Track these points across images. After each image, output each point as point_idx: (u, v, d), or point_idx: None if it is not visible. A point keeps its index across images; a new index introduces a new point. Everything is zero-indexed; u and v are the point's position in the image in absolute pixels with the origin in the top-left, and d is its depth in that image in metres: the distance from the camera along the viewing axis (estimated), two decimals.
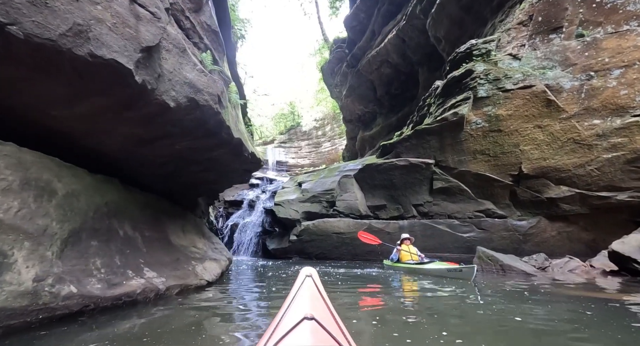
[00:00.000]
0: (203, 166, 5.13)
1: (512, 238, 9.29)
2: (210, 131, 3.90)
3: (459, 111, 9.43)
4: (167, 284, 3.91)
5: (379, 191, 11.64)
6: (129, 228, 4.21)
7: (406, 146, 10.96)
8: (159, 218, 5.23)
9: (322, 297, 1.75)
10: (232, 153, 4.75)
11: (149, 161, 4.34)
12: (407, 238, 8.81)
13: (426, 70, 16.13)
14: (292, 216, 12.77)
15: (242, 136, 4.60)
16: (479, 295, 4.37)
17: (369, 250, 11.08)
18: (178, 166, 4.81)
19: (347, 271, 7.72)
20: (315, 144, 34.53)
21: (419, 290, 5.11)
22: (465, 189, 9.97)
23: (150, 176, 4.89)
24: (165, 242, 5.02)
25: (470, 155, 9.72)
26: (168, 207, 5.72)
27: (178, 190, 5.89)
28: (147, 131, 3.48)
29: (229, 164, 5.26)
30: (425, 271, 7.16)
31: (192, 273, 4.64)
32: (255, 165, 6.02)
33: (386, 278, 6.75)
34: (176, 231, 5.62)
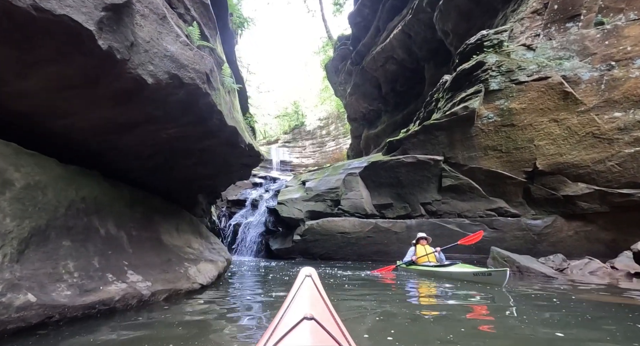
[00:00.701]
0: (196, 159, 4.69)
1: (526, 237, 8.76)
2: (199, 116, 3.43)
3: (469, 105, 8.93)
4: (152, 289, 3.47)
5: (385, 190, 11.15)
6: (112, 227, 3.78)
7: (413, 142, 10.47)
8: (149, 216, 4.79)
9: (322, 297, 1.71)
10: (226, 144, 4.29)
11: (134, 152, 3.91)
12: (424, 238, 7.93)
13: (432, 66, 15.62)
14: (295, 216, 12.31)
15: (238, 125, 4.16)
16: (508, 303, 3.86)
17: (375, 251, 10.60)
18: (168, 158, 4.37)
19: (354, 274, 7.20)
20: (320, 144, 34.07)
21: (438, 296, 4.55)
22: (475, 187, 9.47)
23: (139, 170, 4.46)
24: (156, 242, 4.58)
25: (481, 151, 9.22)
26: (161, 204, 5.29)
27: (172, 186, 5.46)
28: (125, 114, 3.03)
29: (224, 157, 4.81)
30: (446, 275, 6.32)
31: (183, 275, 4.19)
32: (255, 159, 5.55)
33: (400, 282, 6.15)
34: (169, 231, 5.18)
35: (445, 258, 7.46)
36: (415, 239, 8.06)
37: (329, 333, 1.30)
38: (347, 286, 5.32)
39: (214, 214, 15.74)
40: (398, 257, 10.43)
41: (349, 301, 4.05)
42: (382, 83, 18.94)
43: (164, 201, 5.46)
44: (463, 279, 5.91)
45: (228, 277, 6.33)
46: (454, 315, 3.21)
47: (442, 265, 6.82)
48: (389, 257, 10.45)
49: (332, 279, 6.15)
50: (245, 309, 3.57)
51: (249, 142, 4.64)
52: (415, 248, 7.80)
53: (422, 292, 4.98)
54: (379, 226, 10.59)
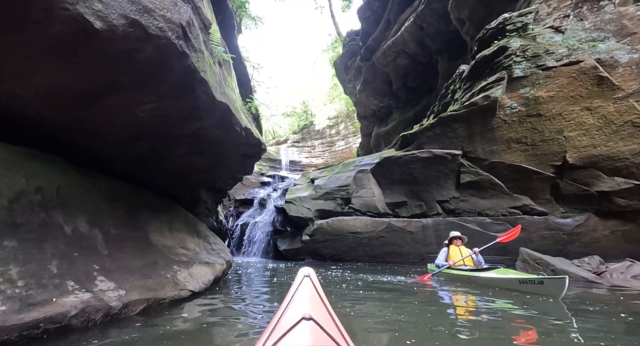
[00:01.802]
0: (188, 148, 4.06)
1: (555, 238, 7.91)
2: (178, 86, 2.77)
3: (490, 94, 8.14)
4: (126, 299, 2.82)
5: (399, 187, 10.40)
6: (83, 224, 3.15)
7: (429, 136, 9.70)
8: (135, 213, 4.17)
9: (320, 297, 1.68)
10: (218, 126, 3.63)
11: (110, 136, 3.29)
12: (458, 237, 6.90)
13: (446, 58, 14.81)
14: (304, 215, 11.63)
15: (231, 103, 3.51)
16: (567, 320, 3.09)
17: (388, 252, 9.85)
18: (155, 146, 3.75)
19: (371, 278, 6.46)
20: (329, 143, 33.35)
21: (475, 309, 3.73)
22: (497, 183, 8.66)
23: (123, 160, 3.84)
24: (141, 242, 3.95)
25: (503, 144, 8.41)
26: (151, 200, 4.67)
27: (165, 180, 4.85)
28: (79, 77, 2.39)
29: (220, 146, 4.17)
30: (485, 282, 5.35)
31: (170, 281, 3.54)
32: (256, 149, 4.88)
33: (429, 289, 5.28)
34: (160, 229, 4.55)
35: (484, 261, 6.51)
36: (447, 239, 7.07)
37: (327, 333, 1.29)
38: (361, 293, 4.62)
39: (221, 213, 15.17)
40: (413, 258, 9.68)
41: (367, 311, 3.35)
42: (392, 79, 18.16)
43: (156, 196, 4.84)
44: (506, 287, 4.93)
45: (228, 281, 5.68)
46: (495, 333, 2.50)
47: (480, 269, 5.86)
48: (402, 258, 9.71)
49: (344, 285, 5.44)
50: (237, 323, 2.89)
51: (246, 126, 3.97)
52: (448, 250, 6.82)
53: (456, 302, 4.20)
54: (392, 226, 9.84)
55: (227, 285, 5.06)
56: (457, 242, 6.86)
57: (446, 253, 6.78)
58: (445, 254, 6.77)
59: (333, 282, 5.77)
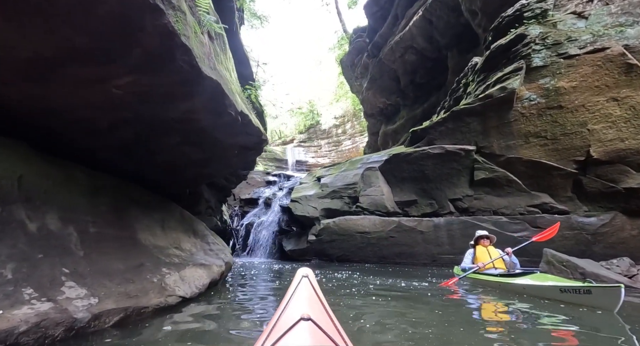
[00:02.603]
0: (179, 137, 3.63)
1: (578, 238, 7.33)
2: (154, 51, 2.30)
3: (507, 85, 7.60)
4: (96, 309, 2.37)
5: (409, 185, 9.87)
6: (54, 221, 2.72)
7: (441, 131, 9.17)
8: (121, 209, 3.74)
9: (319, 298, 1.67)
10: (209, 109, 3.14)
11: (84, 120, 2.85)
12: (485, 237, 6.01)
13: (456, 53, 14.23)
14: (310, 214, 11.16)
15: (224, 82, 3.04)
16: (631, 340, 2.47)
17: (398, 252, 9.33)
18: (141, 134, 3.31)
19: (383, 281, 5.95)
20: (335, 143, 32.85)
21: (507, 322, 3.09)
22: (514, 180, 8.10)
23: (103, 149, 3.42)
24: (127, 242, 3.51)
25: (521, 139, 7.86)
26: (141, 196, 4.24)
27: (157, 174, 4.42)
28: (28, 38, 1.93)
29: (214, 134, 3.71)
30: (518, 289, 4.53)
31: (156, 286, 3.09)
32: (255, 140, 4.40)
33: (451, 296, 4.51)
34: (151, 228, 4.12)
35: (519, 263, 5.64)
36: (473, 238, 6.21)
37: (326, 333, 1.28)
38: (373, 299, 4.13)
39: (226, 213, 14.78)
40: (424, 260, 9.15)
41: (379, 321, 2.86)
42: (400, 75, 17.61)
43: (147, 192, 4.41)
44: (544, 296, 4.09)
45: (227, 284, 5.22)
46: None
47: (512, 275, 5.02)
48: (413, 260, 9.18)
49: (354, 289, 4.95)
50: (228, 336, 2.43)
51: (242, 111, 3.50)
52: (475, 251, 5.97)
53: (483, 314, 3.59)
54: (402, 225, 9.32)
55: (225, 289, 4.59)
56: (484, 242, 5.98)
57: (472, 255, 5.96)
58: (471, 257, 5.96)
59: (341, 285, 5.28)
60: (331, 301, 4.06)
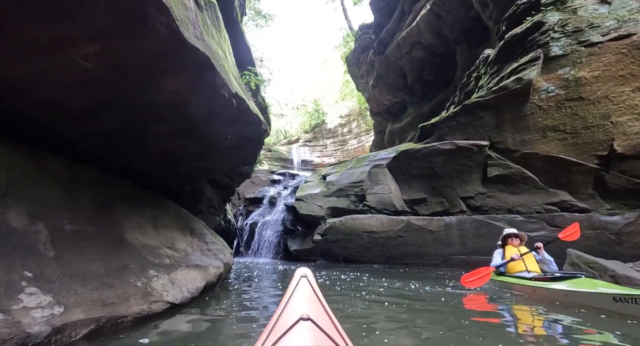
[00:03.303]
0: (170, 125, 3.25)
1: (600, 238, 6.83)
2: (123, 9, 1.91)
3: (523, 76, 7.13)
4: (60, 320, 1.99)
5: (418, 182, 9.43)
6: (18, 217, 2.35)
7: (452, 126, 8.72)
8: (107, 205, 3.37)
9: (318, 297, 1.63)
10: (199, 90, 2.74)
11: (53, 101, 2.48)
12: (514, 235, 5.33)
13: (466, 48, 13.75)
14: (315, 213, 10.74)
15: (215, 57, 2.65)
16: None
17: (407, 253, 8.88)
18: (123, 119, 2.94)
19: (392, 284, 5.52)
20: (341, 142, 32.41)
21: (546, 339, 2.53)
22: (530, 177, 7.63)
23: (83, 138, 3.04)
24: (111, 240, 3.14)
25: (538, 133, 7.39)
26: (131, 191, 3.88)
27: (150, 168, 4.05)
28: None
29: (208, 122, 3.32)
30: (559, 296, 3.79)
31: (139, 291, 2.71)
32: (255, 129, 3.98)
33: (475, 302, 3.94)
34: (142, 226, 3.75)
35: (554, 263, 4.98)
36: (501, 237, 5.48)
37: (325, 333, 1.27)
38: (386, 305, 3.71)
39: (230, 212, 14.43)
40: (434, 260, 8.68)
41: (393, 333, 2.44)
42: (407, 72, 17.14)
43: (138, 188, 4.04)
44: (593, 305, 3.38)
45: (225, 287, 4.83)
46: None
47: (551, 279, 4.19)
48: (423, 260, 8.73)
49: (364, 291, 4.54)
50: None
51: (237, 92, 3.09)
52: (504, 252, 5.29)
53: (509, 324, 3.04)
54: (411, 225, 8.87)
55: (223, 293, 4.19)
56: (513, 241, 5.28)
57: (502, 255, 5.34)
58: (500, 257, 5.33)
59: (347, 287, 4.87)
60: (338, 304, 3.65)
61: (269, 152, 29.68)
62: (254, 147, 4.92)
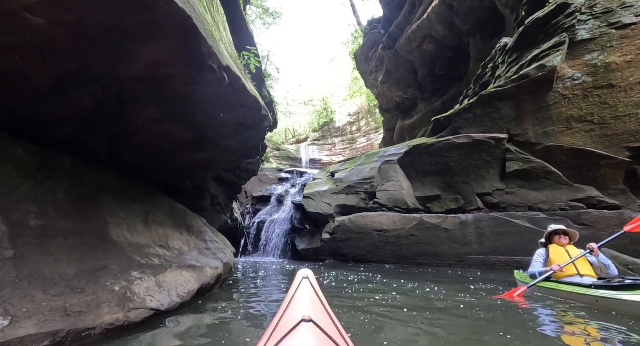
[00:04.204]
0: (157, 107, 2.84)
1: (632, 236, 6.20)
2: None
3: (546, 63, 6.58)
4: (4, 336, 1.58)
5: (431, 178, 8.93)
6: None
7: (467, 118, 8.20)
8: (89, 198, 2.99)
9: (319, 299, 1.62)
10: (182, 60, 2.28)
11: (4, 72, 2.08)
12: (562, 232, 4.31)
13: (479, 40, 13.14)
14: (323, 211, 10.30)
15: (200, 20, 2.22)
16: None
17: (420, 252, 8.38)
18: (100, 98, 2.54)
19: (405, 287, 5.05)
20: (350, 140, 31.91)
21: None
22: (553, 171, 7.07)
23: (58, 121, 2.65)
24: (91, 238, 2.75)
25: (561, 124, 6.84)
26: (118, 183, 3.48)
27: (139, 159, 3.65)
28: None
29: (199, 103, 2.90)
30: (631, 309, 2.94)
31: (115, 296, 2.30)
32: (252, 113, 3.53)
33: (513, 311, 3.27)
34: (130, 222, 3.35)
35: (612, 265, 3.90)
36: (545, 233, 4.42)
37: (327, 334, 1.26)
38: (396, 307, 3.25)
39: (236, 211, 14.08)
40: (449, 260, 8.17)
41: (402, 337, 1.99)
42: (417, 67, 16.57)
43: (126, 180, 3.64)
44: None
45: (227, 289, 4.42)
46: None
47: (618, 286, 3.21)
48: (437, 260, 8.22)
49: (378, 295, 4.07)
50: None
51: (227, 65, 2.64)
52: (548, 252, 4.30)
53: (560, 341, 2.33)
54: (424, 222, 8.36)
55: (220, 297, 3.77)
56: (560, 240, 4.27)
57: (544, 257, 4.28)
58: (543, 259, 4.27)
59: (357, 290, 4.41)
60: (346, 308, 3.21)
61: (277, 151, 29.37)
62: (255, 138, 4.48)
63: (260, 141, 4.92)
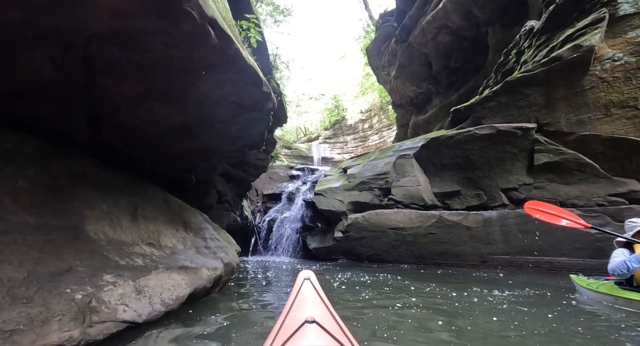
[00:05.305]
0: (137, 80, 2.35)
1: None
2: None
3: (583, 43, 5.88)
4: None
5: (450, 173, 8.28)
6: None
7: (490, 107, 7.53)
8: (61, 189, 2.52)
9: (322, 300, 1.60)
10: (151, 6, 1.82)
11: None
12: None
13: (499, 29, 12.38)
14: (335, 208, 9.77)
15: None
16: None
17: (440, 252, 7.76)
18: (63, 65, 2.06)
19: (423, 290, 4.47)
20: (362, 138, 31.21)
21: None
22: (588, 164, 6.37)
23: (10, 95, 2.18)
24: (61, 235, 2.28)
25: (599, 111, 6.13)
26: (99, 172, 3.01)
27: (127, 146, 3.19)
28: None
29: (184, 72, 2.41)
30: None
31: (74, 308, 1.81)
32: (251, 91, 3.01)
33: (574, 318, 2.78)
34: (114, 216, 2.88)
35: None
36: (631, 232, 3.42)
37: (331, 335, 1.24)
38: (415, 313, 2.69)
39: (247, 209, 13.66)
40: (472, 260, 7.50)
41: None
42: (432, 60, 15.83)
43: (112, 168, 3.18)
44: None
45: (229, 291, 3.92)
46: None
47: None
48: (458, 260, 7.59)
49: (391, 299, 3.51)
50: None
51: (213, 16, 2.06)
52: (632, 251, 3.35)
53: None
54: (444, 220, 7.73)
55: (216, 303, 3.26)
56: None
57: (637, 260, 3.21)
58: (633, 262, 3.22)
59: (371, 293, 3.84)
60: (359, 314, 2.66)
61: (289, 150, 28.96)
62: (259, 124, 3.94)
63: (265, 128, 4.38)
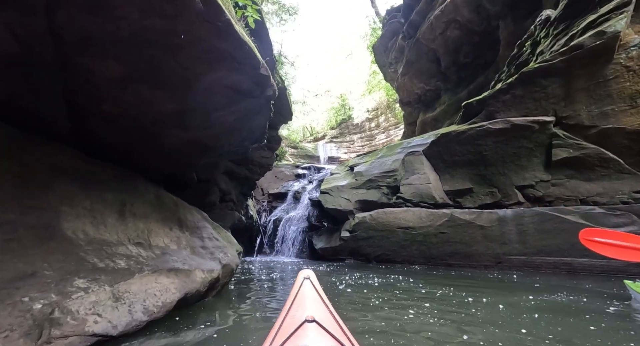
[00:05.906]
0: (117, 60, 2.06)
1: None
2: None
3: (607, 29, 5.48)
4: None
5: (462, 170, 7.90)
6: None
7: (505, 100, 7.14)
8: (35, 182, 2.24)
9: (322, 299, 1.60)
10: None
11: None
12: None
13: (510, 22, 11.94)
14: (342, 207, 9.44)
15: None
16: None
17: (451, 252, 7.38)
18: (23, 38, 1.77)
19: (435, 293, 4.10)
20: (369, 137, 30.81)
21: None
22: (612, 159, 5.97)
23: None
24: (29, 233, 2.00)
25: (623, 102, 5.72)
26: (81, 164, 2.73)
27: (116, 137, 2.90)
28: None
29: (168, 47, 2.11)
30: None
31: (29, 320, 1.50)
32: (249, 72, 2.70)
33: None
34: (97, 213, 2.60)
35: None
36: None
37: (331, 334, 1.23)
38: (433, 323, 2.35)
39: (252, 208, 13.39)
40: (485, 261, 7.12)
41: None
42: (441, 56, 15.41)
43: (96, 161, 2.89)
44: None
45: (227, 295, 3.62)
46: None
47: None
48: (471, 261, 7.20)
49: (401, 302, 3.16)
50: None
51: None
52: None
53: None
54: (455, 219, 7.35)
55: (210, 310, 2.94)
56: None
57: None
58: None
59: (380, 297, 3.50)
60: (366, 320, 2.34)
61: (295, 149, 28.70)
62: (259, 115, 3.62)
63: (266, 120, 4.08)
